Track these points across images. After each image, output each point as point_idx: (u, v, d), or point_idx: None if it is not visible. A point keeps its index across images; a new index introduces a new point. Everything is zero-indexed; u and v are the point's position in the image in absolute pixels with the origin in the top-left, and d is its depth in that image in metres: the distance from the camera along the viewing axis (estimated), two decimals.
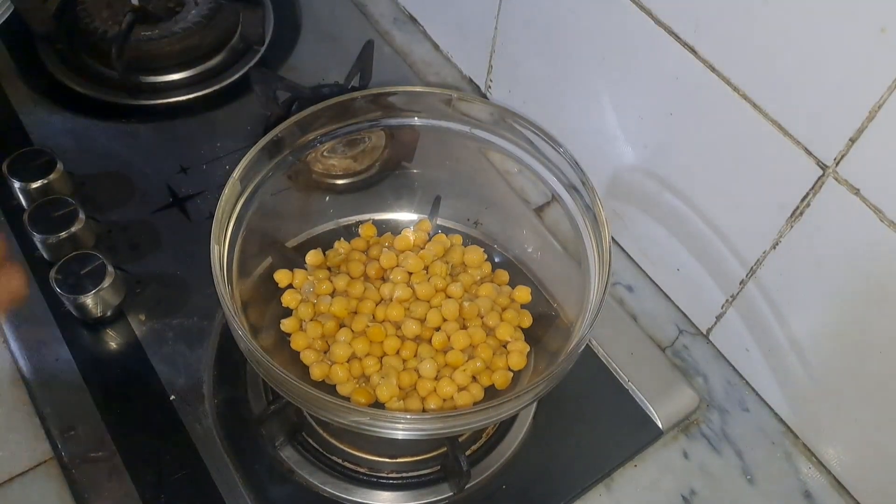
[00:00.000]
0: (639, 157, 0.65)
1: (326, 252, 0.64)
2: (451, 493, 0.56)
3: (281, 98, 0.73)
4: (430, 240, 0.65)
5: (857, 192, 0.49)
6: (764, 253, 0.57)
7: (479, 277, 0.63)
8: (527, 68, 0.72)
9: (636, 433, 0.61)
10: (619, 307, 0.68)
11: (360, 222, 0.66)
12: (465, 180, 0.67)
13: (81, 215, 0.63)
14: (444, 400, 0.56)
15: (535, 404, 0.60)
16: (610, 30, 0.61)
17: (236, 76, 0.80)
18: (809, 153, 0.50)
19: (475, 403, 0.56)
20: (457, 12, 0.80)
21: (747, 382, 0.65)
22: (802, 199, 0.52)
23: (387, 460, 0.57)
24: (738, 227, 0.59)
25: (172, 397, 0.59)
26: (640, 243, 0.70)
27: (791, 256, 0.56)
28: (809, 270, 0.55)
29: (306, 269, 0.62)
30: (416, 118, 0.61)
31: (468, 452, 0.58)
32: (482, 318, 0.60)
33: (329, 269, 0.63)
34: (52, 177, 0.65)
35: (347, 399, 0.56)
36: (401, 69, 0.83)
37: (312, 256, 0.63)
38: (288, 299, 0.60)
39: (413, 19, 0.88)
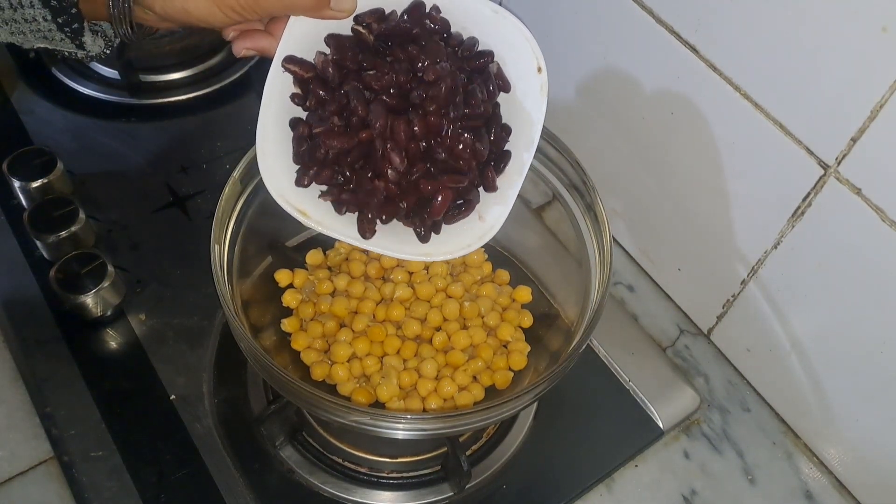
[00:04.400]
0: (640, 157, 0.64)
1: (327, 252, 0.63)
2: (451, 493, 0.56)
3: None
4: None
5: (858, 191, 0.49)
6: (765, 253, 0.57)
7: (479, 277, 0.63)
8: None
9: (637, 433, 0.61)
10: (619, 307, 0.68)
11: None
12: None
13: (81, 215, 0.63)
14: (445, 400, 0.56)
15: (535, 404, 0.60)
16: (611, 29, 0.61)
17: (236, 75, 0.80)
18: (811, 153, 0.50)
19: (475, 403, 0.56)
20: None
21: (748, 382, 0.65)
22: (804, 199, 0.52)
23: (387, 460, 0.57)
24: (739, 227, 0.59)
25: (172, 397, 0.59)
26: (640, 243, 0.70)
27: (792, 256, 0.56)
28: (811, 270, 0.54)
29: (307, 269, 0.62)
30: None
31: (469, 452, 0.57)
32: (483, 318, 0.60)
33: (330, 268, 0.63)
34: (52, 176, 0.65)
35: (348, 399, 0.56)
36: None
37: (313, 256, 0.63)
38: (288, 299, 0.60)
39: None
